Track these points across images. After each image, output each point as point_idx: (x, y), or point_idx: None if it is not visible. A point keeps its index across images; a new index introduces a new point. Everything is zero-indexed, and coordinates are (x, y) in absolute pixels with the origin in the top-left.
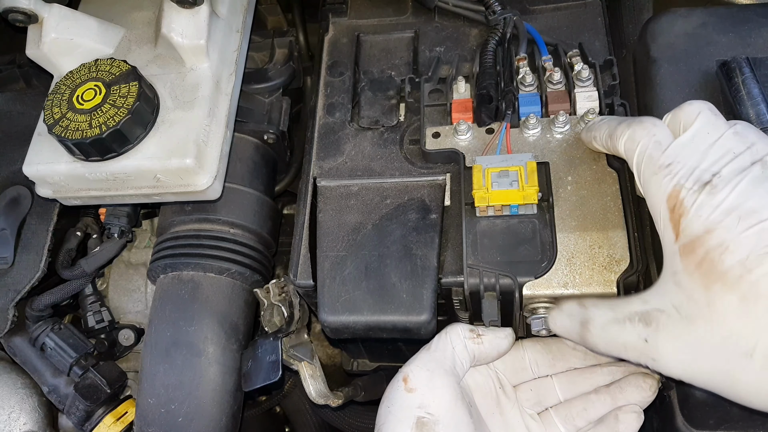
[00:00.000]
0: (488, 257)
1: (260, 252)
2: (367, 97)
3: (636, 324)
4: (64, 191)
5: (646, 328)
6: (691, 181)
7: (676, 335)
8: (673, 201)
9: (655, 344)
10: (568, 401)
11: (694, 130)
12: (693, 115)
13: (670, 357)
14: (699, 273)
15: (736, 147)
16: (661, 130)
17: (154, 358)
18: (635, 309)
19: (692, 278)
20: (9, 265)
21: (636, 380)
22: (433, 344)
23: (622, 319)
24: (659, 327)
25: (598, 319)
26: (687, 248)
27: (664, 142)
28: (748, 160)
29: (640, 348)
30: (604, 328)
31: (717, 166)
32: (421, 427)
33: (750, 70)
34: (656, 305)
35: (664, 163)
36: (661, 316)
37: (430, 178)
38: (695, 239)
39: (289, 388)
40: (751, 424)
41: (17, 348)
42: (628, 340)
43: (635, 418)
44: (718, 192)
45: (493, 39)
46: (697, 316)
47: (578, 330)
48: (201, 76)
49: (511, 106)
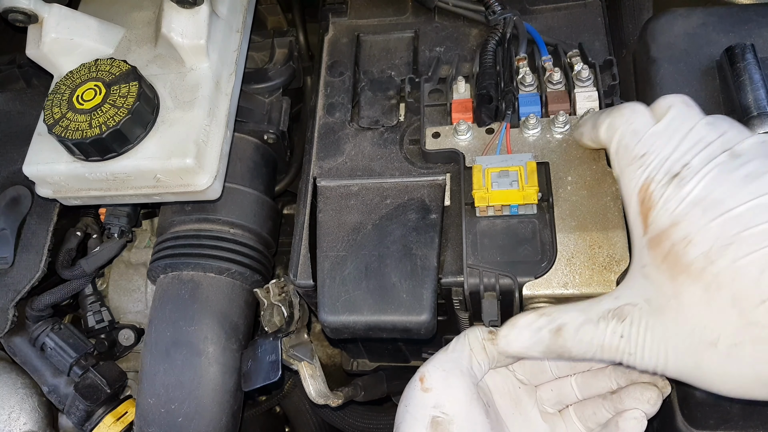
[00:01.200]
0: (488, 257)
1: (260, 252)
2: (367, 97)
3: (610, 321)
4: (64, 191)
5: (620, 324)
6: (662, 173)
7: (649, 327)
8: (642, 194)
9: (629, 338)
10: (583, 402)
11: (668, 119)
12: (665, 107)
13: (644, 350)
14: (665, 265)
15: (707, 135)
16: (640, 117)
17: (154, 358)
18: (608, 307)
19: (659, 271)
20: (9, 265)
21: (635, 392)
22: (451, 345)
23: (595, 320)
24: (633, 321)
25: (570, 324)
26: (654, 241)
27: (640, 131)
28: (718, 149)
29: (616, 345)
30: (578, 332)
31: (688, 156)
32: (435, 426)
33: (753, 57)
34: (628, 300)
35: (638, 154)
36: (634, 309)
37: (430, 178)
38: (661, 232)
39: (289, 388)
40: (751, 424)
41: (17, 348)
42: (604, 340)
43: (635, 425)
44: (686, 184)
45: (493, 39)
46: (666, 307)
47: (547, 340)
48: (201, 76)
49: (511, 106)
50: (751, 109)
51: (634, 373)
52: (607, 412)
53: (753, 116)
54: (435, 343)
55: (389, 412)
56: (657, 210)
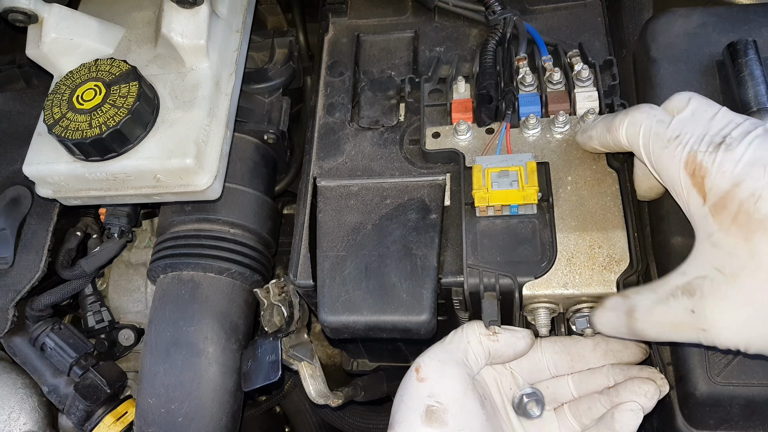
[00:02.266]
0: (488, 257)
1: (260, 252)
2: (367, 97)
3: (679, 298)
4: (64, 191)
5: (691, 299)
6: (705, 144)
7: (723, 297)
8: (691, 166)
9: (703, 313)
10: (578, 399)
11: (692, 108)
12: (685, 100)
13: (720, 324)
14: (736, 226)
15: (735, 118)
16: (660, 111)
17: (154, 358)
18: (676, 283)
19: (729, 234)
20: (9, 265)
21: (632, 385)
22: (448, 338)
23: (664, 298)
24: (704, 294)
25: (641, 304)
26: (718, 206)
27: (665, 120)
28: (751, 126)
29: (688, 322)
30: (650, 312)
31: (726, 130)
32: (430, 415)
33: (755, 53)
34: (696, 273)
35: (672, 135)
36: (704, 282)
37: (430, 178)
38: (725, 195)
39: (289, 388)
40: (751, 424)
41: (17, 348)
42: (676, 318)
43: (631, 417)
44: (735, 148)
45: (493, 39)
46: (743, 271)
47: (625, 322)
48: (201, 76)
49: (511, 106)
50: (751, 105)
51: (632, 369)
52: (603, 406)
53: (753, 111)
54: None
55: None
56: (713, 176)
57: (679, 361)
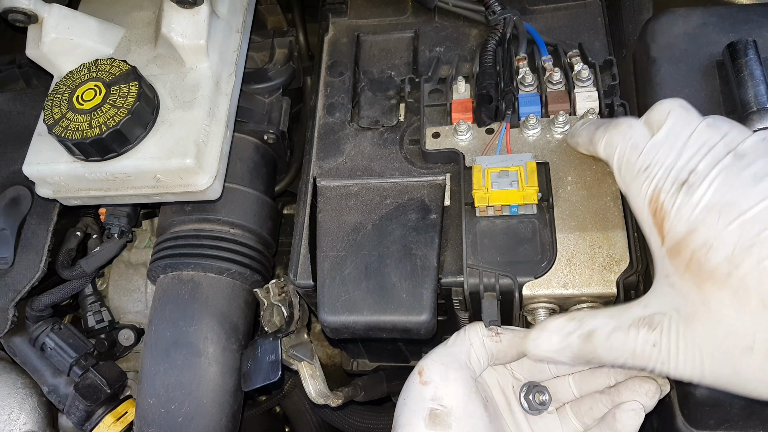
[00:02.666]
0: (488, 257)
1: (260, 252)
2: (367, 97)
3: (641, 329)
4: (64, 191)
5: (652, 333)
6: (669, 182)
7: (680, 336)
8: (654, 205)
9: (661, 347)
10: (579, 399)
11: (668, 127)
12: (664, 113)
13: (677, 359)
14: (689, 274)
15: (710, 139)
16: (637, 132)
17: (154, 358)
18: (638, 314)
19: (683, 279)
20: (9, 265)
21: (633, 384)
22: (450, 340)
23: (626, 327)
24: (663, 329)
25: (601, 330)
26: (673, 250)
27: (640, 144)
28: (723, 151)
29: (648, 353)
30: (609, 339)
31: (693, 162)
32: (434, 418)
33: (755, 53)
34: (657, 308)
35: (642, 167)
36: (664, 318)
37: (430, 178)
38: (680, 241)
39: (289, 388)
40: (751, 424)
41: (17, 348)
42: (635, 348)
43: (632, 416)
44: (696, 190)
45: (493, 39)
46: (696, 315)
47: (577, 345)
48: (201, 76)
49: (511, 106)
50: (751, 105)
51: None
52: (604, 406)
53: (753, 111)
54: (435, 343)
55: (389, 412)
56: (671, 219)
57: None
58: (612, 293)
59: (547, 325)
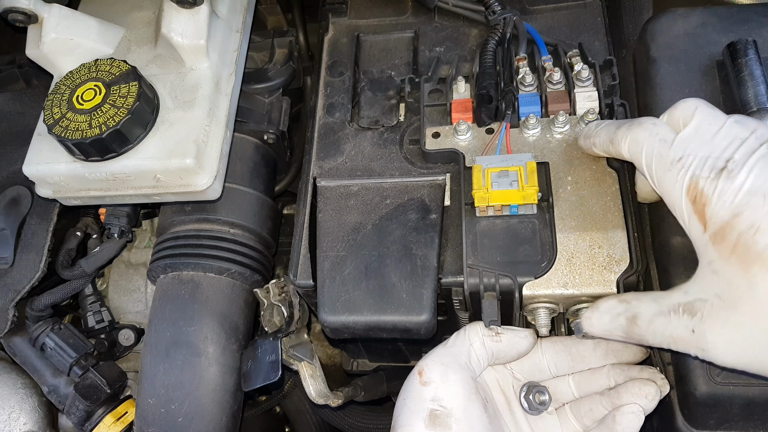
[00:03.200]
0: (488, 257)
1: (260, 252)
2: (367, 97)
3: (681, 315)
4: (64, 191)
5: (692, 319)
6: (707, 169)
7: (722, 323)
8: (693, 192)
9: (702, 334)
10: (579, 399)
11: (696, 122)
12: (691, 110)
13: (718, 346)
14: (735, 257)
15: (741, 133)
16: (662, 128)
17: (154, 358)
18: (678, 300)
19: (729, 264)
20: (9, 265)
21: (633, 387)
22: (450, 340)
23: (666, 312)
24: (704, 317)
25: (644, 314)
26: (718, 236)
27: (668, 139)
28: (755, 143)
29: (688, 339)
30: (652, 322)
31: (728, 152)
32: (434, 419)
33: (755, 53)
34: (698, 295)
35: (675, 158)
36: (705, 305)
37: (430, 178)
38: (724, 225)
39: (289, 388)
40: (751, 424)
41: (17, 348)
42: (676, 333)
43: (632, 419)
44: (737, 175)
45: (493, 39)
46: (740, 300)
47: (624, 326)
48: (201, 76)
49: (511, 106)
50: (751, 104)
51: (633, 370)
52: (604, 408)
53: (752, 111)
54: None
55: (389, 412)
56: (713, 204)
57: (679, 361)
58: (612, 293)
59: (600, 305)
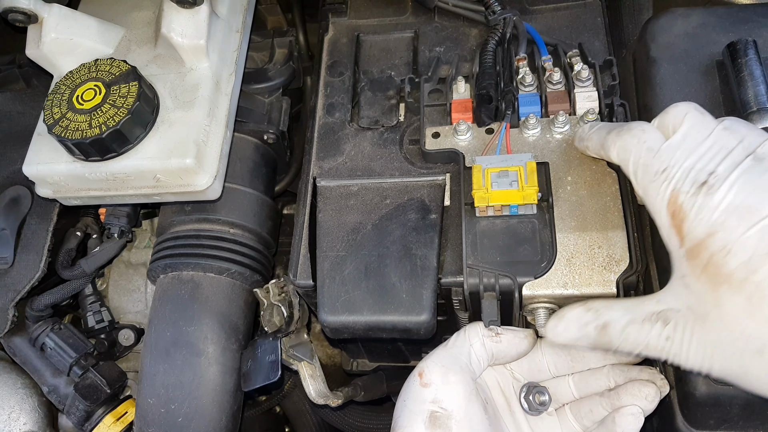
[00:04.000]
0: (488, 257)
1: (260, 252)
2: (367, 97)
3: (655, 324)
4: (64, 191)
5: (665, 327)
6: (688, 183)
7: (692, 333)
8: (672, 207)
9: (678, 341)
10: (579, 400)
11: (684, 130)
12: (680, 116)
13: (688, 354)
14: (705, 276)
15: (728, 142)
16: (651, 135)
17: (154, 358)
18: (652, 309)
19: (699, 281)
20: (9, 265)
21: (632, 388)
22: (450, 341)
23: (640, 320)
24: (677, 326)
25: (616, 322)
26: (692, 252)
27: (655, 147)
28: (741, 155)
29: (661, 346)
30: (624, 330)
31: (712, 164)
32: (434, 421)
33: (755, 53)
34: (671, 305)
35: (659, 169)
36: (678, 315)
37: (429, 178)
38: (699, 243)
39: (289, 388)
40: (751, 424)
41: (17, 348)
42: (649, 340)
43: (632, 421)
44: (716, 192)
45: (493, 39)
46: (709, 316)
47: (592, 335)
48: (201, 76)
49: (511, 106)
50: (751, 105)
51: (632, 371)
52: (604, 409)
53: (752, 111)
54: (435, 343)
55: (389, 412)
56: (690, 220)
57: None
58: (612, 293)
59: (565, 314)
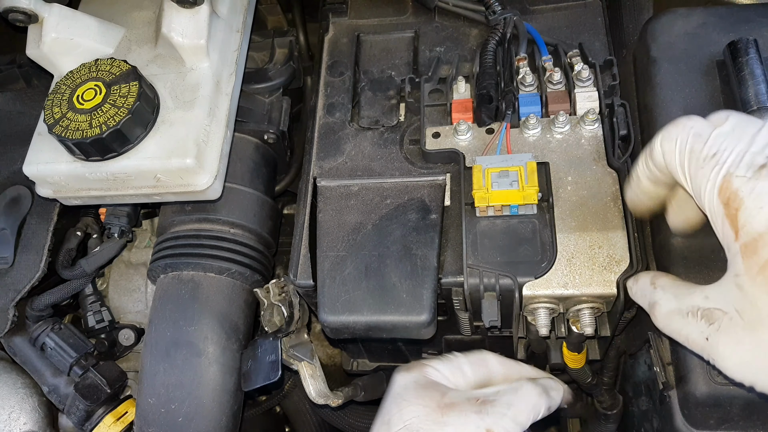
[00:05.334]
0: (488, 257)
1: (260, 252)
2: (367, 97)
3: (698, 320)
4: (65, 191)
5: (708, 326)
6: (744, 167)
7: (737, 340)
8: (725, 193)
9: (716, 345)
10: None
11: (733, 121)
12: (725, 115)
13: (729, 360)
14: (762, 278)
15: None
16: (698, 123)
17: (154, 358)
18: (698, 304)
19: (755, 283)
20: (9, 265)
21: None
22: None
23: (684, 312)
24: (720, 328)
25: (662, 306)
26: (749, 248)
27: (704, 133)
28: None
29: (701, 344)
30: (668, 317)
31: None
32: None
33: (756, 52)
34: (718, 304)
35: (710, 153)
36: (724, 316)
37: (430, 178)
38: (757, 237)
39: (289, 388)
40: (751, 424)
41: (17, 348)
42: (690, 335)
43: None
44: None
45: (493, 39)
46: (760, 324)
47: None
48: (201, 76)
49: (511, 106)
50: (751, 103)
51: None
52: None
53: (753, 110)
54: (435, 343)
55: None
56: (748, 209)
57: (679, 361)
58: (612, 293)
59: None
